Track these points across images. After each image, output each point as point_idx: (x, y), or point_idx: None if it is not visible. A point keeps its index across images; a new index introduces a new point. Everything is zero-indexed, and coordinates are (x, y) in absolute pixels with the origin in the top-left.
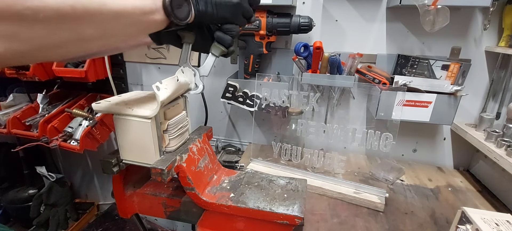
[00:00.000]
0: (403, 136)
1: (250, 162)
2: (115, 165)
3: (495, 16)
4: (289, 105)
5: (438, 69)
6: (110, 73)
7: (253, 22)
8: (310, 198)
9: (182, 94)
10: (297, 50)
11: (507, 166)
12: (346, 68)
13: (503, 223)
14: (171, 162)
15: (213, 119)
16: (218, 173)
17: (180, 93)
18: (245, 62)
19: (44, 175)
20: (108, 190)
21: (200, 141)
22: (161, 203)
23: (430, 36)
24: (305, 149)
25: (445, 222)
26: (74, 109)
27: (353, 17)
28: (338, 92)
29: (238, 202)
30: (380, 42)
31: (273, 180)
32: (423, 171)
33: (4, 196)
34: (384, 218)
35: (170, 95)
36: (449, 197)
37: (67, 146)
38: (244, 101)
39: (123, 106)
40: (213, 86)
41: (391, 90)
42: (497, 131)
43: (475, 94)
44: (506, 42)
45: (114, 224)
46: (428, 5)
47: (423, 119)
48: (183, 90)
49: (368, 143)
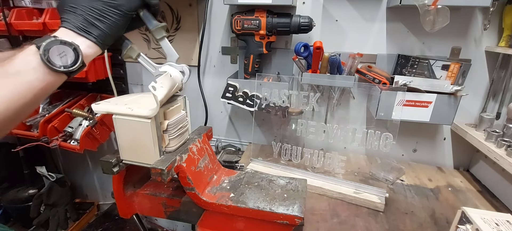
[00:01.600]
0: (403, 136)
1: (250, 162)
2: (115, 165)
3: (495, 16)
4: (289, 105)
5: (438, 69)
6: (110, 73)
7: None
8: (310, 198)
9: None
10: (297, 50)
11: (507, 166)
12: (346, 68)
13: (503, 223)
14: (171, 162)
15: (213, 119)
16: (218, 173)
17: (176, 89)
18: (245, 62)
19: (44, 175)
20: (108, 190)
21: (200, 141)
22: (161, 203)
23: (430, 36)
24: (305, 149)
25: (445, 222)
26: (74, 109)
27: (353, 17)
28: (338, 92)
29: (238, 202)
30: (380, 42)
31: (273, 180)
32: (423, 171)
33: (4, 196)
34: (384, 218)
35: (167, 93)
36: (449, 197)
37: (67, 146)
38: (244, 101)
39: (122, 107)
40: (213, 86)
41: (391, 90)
42: (497, 131)
43: (475, 94)
44: (506, 42)
45: (114, 224)
46: (428, 5)
47: (423, 119)
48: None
49: (368, 143)
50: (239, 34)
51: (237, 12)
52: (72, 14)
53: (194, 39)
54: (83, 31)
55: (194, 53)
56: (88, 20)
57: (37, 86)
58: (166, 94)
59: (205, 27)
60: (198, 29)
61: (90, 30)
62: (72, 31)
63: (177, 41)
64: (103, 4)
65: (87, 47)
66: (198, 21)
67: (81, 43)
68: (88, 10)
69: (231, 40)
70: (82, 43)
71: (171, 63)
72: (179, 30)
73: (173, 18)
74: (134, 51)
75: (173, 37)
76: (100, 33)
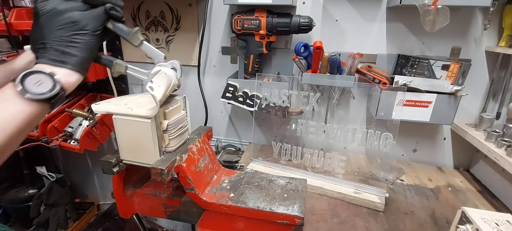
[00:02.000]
0: (403, 136)
1: (250, 162)
2: (115, 165)
3: (495, 16)
4: (289, 105)
5: (438, 69)
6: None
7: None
8: (310, 198)
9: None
10: (297, 50)
11: (507, 166)
12: (346, 68)
13: (503, 223)
14: (171, 162)
15: (213, 119)
16: (218, 173)
17: (174, 86)
18: (245, 62)
19: (44, 175)
20: (108, 190)
21: (200, 141)
22: (161, 203)
23: (430, 36)
24: (305, 149)
25: (445, 222)
26: (74, 109)
27: (353, 17)
28: (338, 92)
29: (238, 202)
30: (380, 42)
31: (273, 180)
32: (423, 171)
33: (4, 196)
34: (384, 218)
35: (165, 92)
36: (449, 197)
37: (67, 145)
38: (244, 101)
39: (122, 107)
40: (213, 86)
41: (391, 90)
42: (497, 131)
43: (475, 94)
44: (506, 42)
45: (114, 224)
46: (428, 5)
47: (423, 119)
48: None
49: (368, 143)
50: (239, 34)
51: (237, 12)
52: (42, 50)
53: (194, 39)
54: (58, 62)
55: (194, 53)
56: (59, 50)
57: (18, 118)
58: (164, 93)
59: (205, 27)
60: (198, 29)
61: (64, 59)
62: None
63: (177, 41)
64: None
65: (67, 76)
66: (198, 21)
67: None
68: (56, 41)
69: (231, 40)
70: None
71: (160, 63)
72: (179, 30)
73: (173, 18)
74: (121, 66)
75: (173, 37)
76: (74, 59)
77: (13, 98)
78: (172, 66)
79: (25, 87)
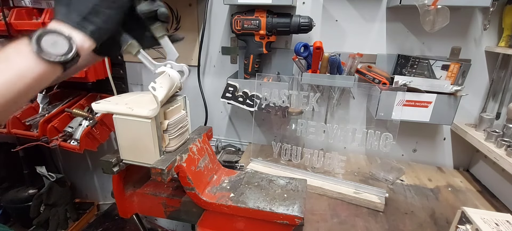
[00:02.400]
0: (403, 136)
1: (250, 162)
2: (115, 165)
3: (495, 16)
4: (289, 105)
5: (438, 69)
6: (110, 73)
7: None
8: (310, 198)
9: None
10: (297, 50)
11: (507, 166)
12: (346, 68)
13: (503, 223)
14: (171, 162)
15: (213, 119)
16: (218, 173)
17: (176, 88)
18: (245, 62)
19: (44, 175)
20: (108, 190)
21: (200, 141)
22: (161, 203)
23: (430, 36)
24: (305, 149)
25: (445, 222)
26: (74, 109)
27: (353, 17)
28: (338, 92)
29: (238, 202)
30: (380, 42)
31: (273, 180)
32: (423, 171)
33: (4, 196)
34: (384, 218)
35: (167, 93)
36: (449, 197)
37: (67, 145)
38: (244, 101)
39: (123, 107)
40: (213, 86)
41: (391, 90)
42: (497, 131)
43: (475, 94)
44: (506, 42)
45: (114, 224)
46: (428, 5)
47: (423, 119)
48: (177, 85)
49: (368, 143)
50: (239, 34)
51: (237, 12)
52: (65, 8)
53: (194, 39)
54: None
55: (194, 53)
56: (82, 15)
57: (28, 76)
58: (166, 94)
59: (205, 27)
60: (198, 29)
61: (84, 24)
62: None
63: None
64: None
65: (82, 41)
66: (198, 21)
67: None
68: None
69: (231, 40)
70: (77, 37)
71: (171, 62)
72: (179, 30)
73: (173, 18)
74: (134, 48)
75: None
76: (94, 28)
77: (26, 55)
78: (181, 69)
79: (41, 46)
